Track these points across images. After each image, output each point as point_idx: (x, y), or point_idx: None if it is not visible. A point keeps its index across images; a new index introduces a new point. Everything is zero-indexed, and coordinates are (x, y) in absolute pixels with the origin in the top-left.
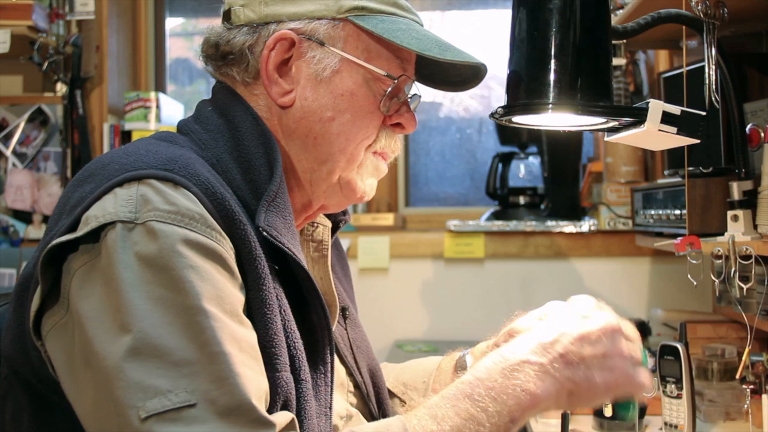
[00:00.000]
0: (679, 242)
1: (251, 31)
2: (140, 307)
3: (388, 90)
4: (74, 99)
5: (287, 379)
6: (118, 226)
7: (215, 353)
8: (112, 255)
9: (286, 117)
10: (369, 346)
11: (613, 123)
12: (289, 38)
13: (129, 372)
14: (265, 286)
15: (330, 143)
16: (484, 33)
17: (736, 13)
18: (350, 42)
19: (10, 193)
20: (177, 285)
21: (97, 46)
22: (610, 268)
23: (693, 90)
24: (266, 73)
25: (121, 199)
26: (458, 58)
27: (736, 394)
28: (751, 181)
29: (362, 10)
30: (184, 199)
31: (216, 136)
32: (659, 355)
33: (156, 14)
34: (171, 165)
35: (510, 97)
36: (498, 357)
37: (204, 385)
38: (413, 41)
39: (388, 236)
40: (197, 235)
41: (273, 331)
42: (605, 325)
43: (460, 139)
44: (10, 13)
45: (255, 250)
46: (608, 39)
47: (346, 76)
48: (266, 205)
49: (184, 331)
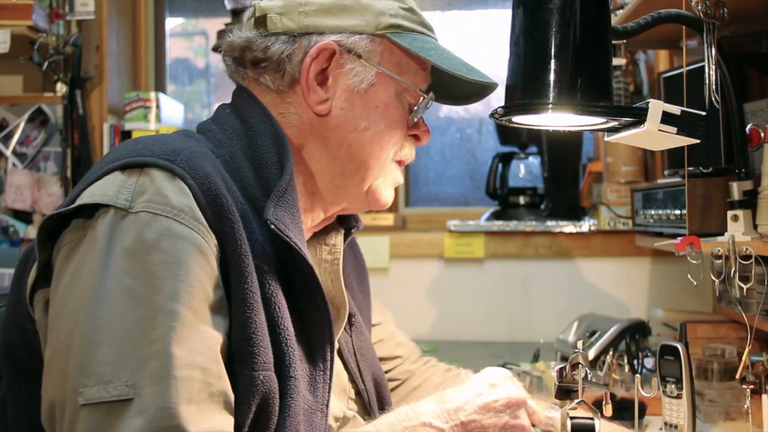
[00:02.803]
0: (679, 242)
1: (290, 39)
2: (108, 293)
3: (419, 102)
4: (74, 99)
5: (266, 378)
6: (111, 212)
7: (161, 352)
8: (97, 238)
9: (320, 125)
10: (374, 355)
11: (613, 123)
12: (330, 49)
13: (81, 354)
14: (247, 284)
15: (363, 151)
16: (484, 33)
17: (736, 13)
18: (386, 57)
19: (10, 193)
20: (150, 279)
21: (97, 46)
22: (610, 268)
23: (693, 90)
24: (306, 80)
25: (119, 183)
26: (482, 78)
27: (736, 394)
28: (751, 181)
29: (398, 27)
30: (177, 190)
31: (231, 135)
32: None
33: (156, 14)
34: (174, 156)
35: (510, 97)
36: (404, 414)
37: (142, 381)
38: (445, 61)
39: (388, 236)
40: (183, 227)
41: (251, 330)
42: (510, 398)
43: (460, 139)
44: (10, 13)
45: (241, 247)
46: (608, 39)
47: (380, 89)
48: (275, 199)
49: (142, 324)
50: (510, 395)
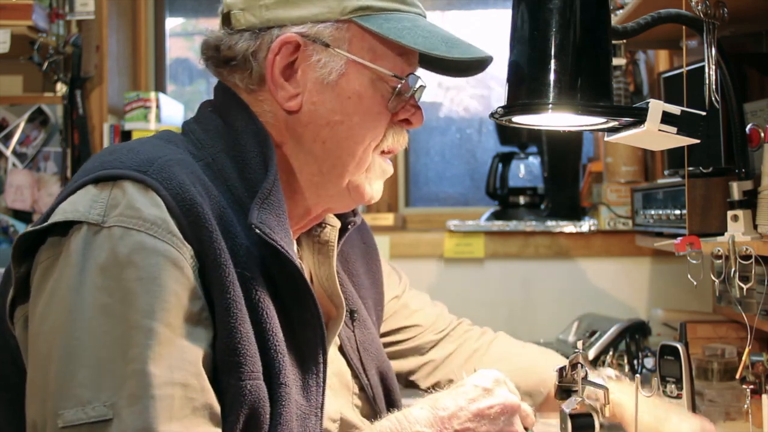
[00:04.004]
0: (679, 242)
1: (253, 36)
2: (84, 312)
3: (396, 89)
4: (74, 99)
5: (254, 387)
6: (84, 228)
7: (138, 371)
8: (72, 255)
9: (293, 122)
10: (379, 348)
11: (613, 123)
12: (293, 41)
13: (59, 376)
14: (229, 294)
15: (339, 147)
16: (484, 33)
17: (736, 13)
18: (355, 43)
19: (10, 193)
20: (125, 296)
21: (97, 46)
22: (610, 268)
23: (693, 90)
24: (272, 77)
25: (92, 198)
26: (466, 54)
27: (736, 394)
28: (751, 181)
29: (366, 9)
30: (150, 203)
31: (213, 135)
32: (659, 355)
33: (156, 14)
34: (146, 166)
35: (510, 97)
36: (396, 422)
37: (121, 401)
38: (419, 39)
39: (388, 236)
40: (157, 240)
41: (237, 340)
42: (505, 403)
43: (460, 139)
44: (10, 13)
45: (220, 257)
46: (608, 39)
47: (352, 78)
48: (260, 202)
49: (119, 343)
50: (505, 401)
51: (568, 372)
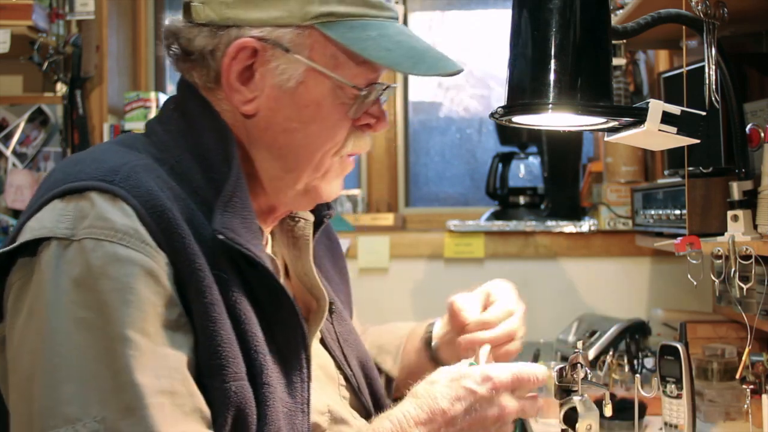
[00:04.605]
0: (679, 242)
1: (212, 33)
2: (62, 329)
3: (358, 98)
4: (74, 99)
5: (239, 388)
6: (54, 244)
7: (127, 383)
8: (44, 273)
9: (250, 125)
10: (357, 339)
11: (613, 123)
12: (250, 47)
13: (44, 395)
14: (207, 298)
15: (296, 154)
16: (484, 33)
17: (736, 13)
18: (317, 50)
19: (10, 193)
20: (101, 309)
21: (97, 46)
22: (610, 268)
23: (693, 90)
24: (227, 81)
25: (59, 213)
26: (429, 71)
27: (736, 394)
28: (751, 181)
29: (329, 16)
30: (119, 213)
31: (176, 136)
32: (659, 355)
33: (156, 14)
34: (112, 176)
35: (510, 97)
36: (389, 425)
37: (113, 414)
38: (382, 53)
39: (388, 236)
40: (130, 250)
41: (217, 343)
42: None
43: (460, 139)
44: (10, 13)
45: (195, 262)
46: (608, 39)
47: (312, 86)
48: (222, 206)
49: (101, 357)
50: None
51: (568, 372)
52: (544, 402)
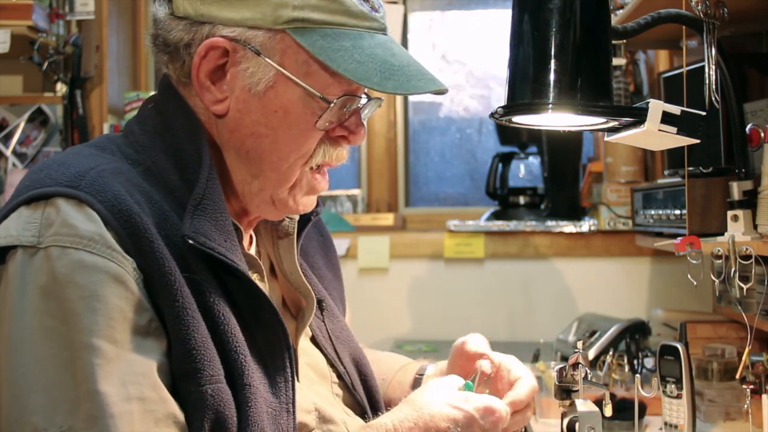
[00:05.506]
0: (679, 242)
1: (187, 27)
2: (28, 338)
3: (327, 108)
4: (74, 99)
5: (215, 391)
6: (20, 252)
7: (91, 392)
8: (11, 282)
9: (221, 125)
10: (350, 336)
11: (613, 123)
12: (221, 46)
13: (11, 404)
14: (178, 302)
15: (261, 160)
16: (484, 33)
17: (736, 13)
18: (288, 55)
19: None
20: (67, 317)
21: (97, 46)
22: (610, 268)
23: (693, 90)
24: (197, 79)
25: (24, 220)
26: (399, 89)
27: (736, 394)
28: (751, 181)
29: (303, 22)
30: (85, 219)
31: (152, 136)
32: (659, 355)
33: None
34: (77, 181)
35: (510, 97)
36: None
37: (78, 423)
38: (352, 65)
39: (388, 236)
40: (96, 257)
41: (191, 346)
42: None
43: (460, 139)
44: (10, 13)
45: (164, 266)
46: (608, 39)
47: (281, 91)
48: (192, 209)
49: (67, 366)
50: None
51: (568, 372)
52: (544, 402)
